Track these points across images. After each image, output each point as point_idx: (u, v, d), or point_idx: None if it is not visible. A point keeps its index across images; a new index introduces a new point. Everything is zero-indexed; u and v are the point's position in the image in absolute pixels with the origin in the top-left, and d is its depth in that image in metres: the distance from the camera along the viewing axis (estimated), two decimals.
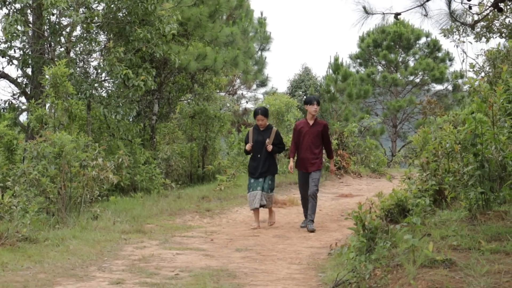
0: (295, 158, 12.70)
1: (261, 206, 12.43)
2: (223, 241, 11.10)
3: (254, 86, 36.44)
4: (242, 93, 35.33)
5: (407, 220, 7.03)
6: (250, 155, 12.88)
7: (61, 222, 11.60)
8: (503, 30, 17.52)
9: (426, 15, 8.56)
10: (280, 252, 9.98)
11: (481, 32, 17.99)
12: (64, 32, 16.71)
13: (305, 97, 34.07)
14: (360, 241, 7.50)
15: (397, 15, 8.55)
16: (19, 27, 15.37)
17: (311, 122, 12.50)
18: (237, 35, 22.22)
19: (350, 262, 7.38)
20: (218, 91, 25.40)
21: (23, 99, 17.62)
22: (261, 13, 35.76)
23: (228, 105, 28.79)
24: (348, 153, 23.28)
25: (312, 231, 11.94)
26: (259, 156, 12.53)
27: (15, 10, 16.31)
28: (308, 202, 12.24)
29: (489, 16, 16.24)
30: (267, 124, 12.75)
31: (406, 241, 6.65)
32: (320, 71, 77.26)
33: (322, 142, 12.55)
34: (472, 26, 11.90)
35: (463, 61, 34.15)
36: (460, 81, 36.86)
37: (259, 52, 34.39)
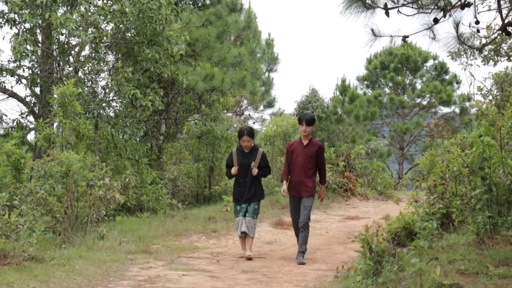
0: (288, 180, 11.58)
1: (242, 233, 11.47)
2: (229, 263, 11.06)
3: (261, 107, 36.47)
4: (249, 114, 35.38)
5: (414, 243, 7.00)
6: (233, 179, 11.98)
7: (67, 241, 11.58)
8: (511, 53, 17.54)
9: (434, 38, 8.58)
10: (286, 274, 9.94)
11: (489, 55, 18.02)
12: (72, 52, 16.79)
13: None
14: (367, 264, 7.47)
15: (405, 37, 8.57)
16: (28, 47, 15.45)
17: (305, 142, 11.36)
18: (245, 56, 22.29)
19: (357, 285, 7.35)
20: (225, 111, 25.45)
21: (31, 118, 17.68)
22: (269, 34, 35.85)
23: (235, 125, 28.79)
24: (355, 175, 23.22)
25: (302, 264, 10.83)
26: (244, 180, 11.56)
27: (24, 29, 16.41)
28: (299, 232, 11.18)
29: (497, 40, 16.27)
30: (253, 145, 11.77)
31: (413, 264, 6.62)
32: (327, 92, 77.39)
33: (316, 164, 11.39)
34: (480, 49, 11.95)
35: (470, 84, 34.21)
36: (467, 104, 36.79)
37: (267, 73, 34.44)
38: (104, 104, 16.69)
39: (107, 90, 16.97)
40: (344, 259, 11.21)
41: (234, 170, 11.60)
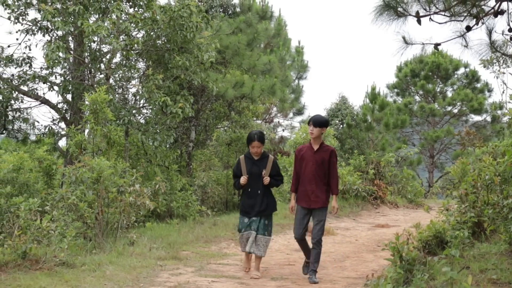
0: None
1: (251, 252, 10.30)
2: None
3: (291, 114, 36.45)
4: (278, 121, 35.35)
5: (445, 252, 6.95)
6: (241, 189, 10.66)
7: (98, 247, 11.65)
8: None
9: (466, 46, 8.54)
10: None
11: None
12: (104, 59, 16.93)
13: (341, 126, 34.12)
14: (397, 273, 7.43)
15: (437, 45, 8.53)
16: (60, 54, 15.59)
17: (315, 147, 10.24)
18: (275, 64, 22.30)
19: None
20: (254, 119, 25.46)
21: (62, 124, 17.86)
22: (299, 42, 35.91)
23: (265, 133, 28.82)
24: (385, 183, 23.14)
25: (315, 283, 9.78)
26: (256, 191, 10.32)
27: (57, 37, 16.59)
28: (312, 248, 10.06)
29: None
30: (263, 151, 10.51)
31: (444, 273, 6.57)
32: (357, 100, 77.35)
33: (328, 172, 10.18)
34: None
35: (503, 92, 33.67)
36: (499, 112, 36.50)
37: (296, 81, 34.43)
38: (134, 111, 16.79)
39: (137, 97, 17.07)
40: (374, 267, 11.16)
41: (243, 180, 10.33)
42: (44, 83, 16.97)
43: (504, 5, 7.98)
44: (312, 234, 9.97)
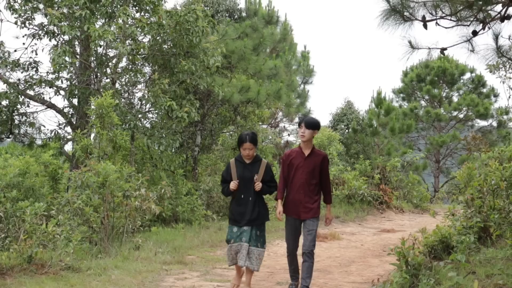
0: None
1: (242, 266, 9.18)
2: (264, 274, 11.04)
3: (296, 119, 36.45)
4: (284, 126, 35.33)
5: (451, 257, 6.95)
6: (231, 196, 9.54)
7: (103, 251, 11.67)
8: None
9: (472, 51, 8.53)
10: (321, 286, 9.91)
11: None
12: (110, 64, 16.98)
13: (347, 131, 34.11)
14: (403, 277, 7.43)
15: (443, 50, 8.53)
16: (66, 58, 15.64)
17: (306, 152, 9.22)
18: (281, 68, 22.31)
19: None
20: (260, 123, 25.46)
21: (68, 129, 17.93)
22: (305, 47, 35.92)
23: (270, 137, 28.81)
24: (390, 187, 23.11)
25: None
26: (246, 198, 9.29)
27: (63, 41, 16.65)
28: (302, 261, 9.10)
29: None
30: (255, 155, 9.48)
31: (450, 278, 6.57)
32: (363, 105, 77.39)
33: (320, 179, 9.24)
34: None
35: (509, 97, 33.82)
36: (505, 117, 36.47)
37: (302, 85, 34.43)
38: (140, 116, 16.83)
39: (143, 102, 17.12)
40: (380, 272, 11.14)
41: (233, 185, 9.25)
42: (50, 87, 17.05)
43: (510, 10, 7.98)
44: (304, 244, 8.98)
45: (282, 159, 9.43)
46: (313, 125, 9.16)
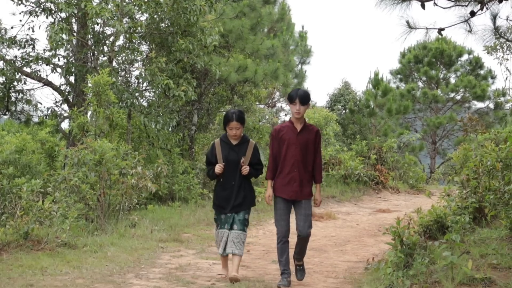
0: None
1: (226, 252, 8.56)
2: (259, 253, 11.10)
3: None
4: (281, 106, 35.28)
5: (446, 237, 6.98)
6: (216, 179, 8.83)
7: (99, 228, 11.70)
8: None
9: (470, 31, 8.52)
10: (317, 265, 9.95)
11: None
12: (107, 42, 16.93)
13: (344, 111, 34.07)
14: (398, 257, 7.46)
15: (440, 30, 8.51)
16: (63, 36, 15.58)
17: (298, 127, 8.43)
18: (278, 48, 22.27)
19: (387, 278, 7.33)
20: (257, 103, 25.45)
21: (65, 106, 17.91)
22: (302, 27, 35.80)
23: (267, 117, 28.78)
24: (387, 168, 23.15)
25: (301, 279, 8.62)
26: (232, 182, 8.56)
27: (60, 19, 16.58)
28: (297, 243, 8.56)
29: None
30: (242, 135, 8.74)
31: (444, 258, 6.60)
32: (360, 85, 77.14)
33: (314, 156, 8.49)
34: None
35: (506, 78, 33.81)
36: (502, 99, 36.44)
37: (299, 66, 34.36)
38: (137, 94, 16.80)
39: (140, 80, 17.08)
40: (375, 251, 11.20)
41: (219, 168, 8.53)
42: (47, 65, 16.99)
43: None
44: (301, 228, 8.31)
45: (272, 135, 8.58)
46: (307, 99, 8.39)
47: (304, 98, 8.29)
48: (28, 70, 17.22)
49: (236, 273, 8.39)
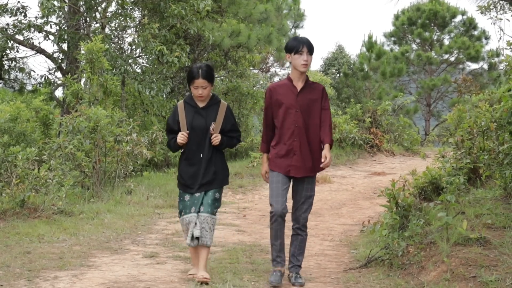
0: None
1: (194, 240, 6.58)
2: (255, 217, 11.15)
3: (287, 64, 36.30)
4: (275, 71, 35.21)
5: (441, 198, 7.01)
6: (180, 151, 6.93)
7: (95, 196, 11.73)
8: None
9: None
10: (313, 228, 9.99)
11: None
12: (99, 8, 16.82)
13: (338, 75, 33.93)
14: (393, 219, 7.50)
15: None
16: (55, 3, 15.49)
17: (299, 85, 6.68)
18: (271, 12, 22.17)
19: (383, 239, 7.39)
20: (251, 68, 25.39)
21: (58, 74, 17.84)
22: None
23: (261, 82, 28.72)
24: (381, 131, 23.15)
25: (301, 285, 6.60)
26: (199, 155, 6.68)
27: None
28: (292, 235, 6.82)
29: None
30: (212, 95, 6.81)
31: (439, 218, 6.65)
32: (354, 49, 76.83)
33: (319, 120, 6.68)
34: (511, 2, 11.72)
35: (500, 38, 33.59)
36: (496, 59, 36.36)
37: (293, 30, 34.19)
38: (130, 61, 16.74)
39: (133, 47, 17.01)
40: (370, 214, 11.25)
41: (182, 138, 6.65)
42: (39, 32, 16.88)
43: None
44: (296, 217, 6.72)
45: (266, 95, 6.84)
46: (313, 48, 6.71)
47: (311, 46, 6.63)
48: (20, 37, 17.13)
49: (204, 272, 6.57)
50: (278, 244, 6.66)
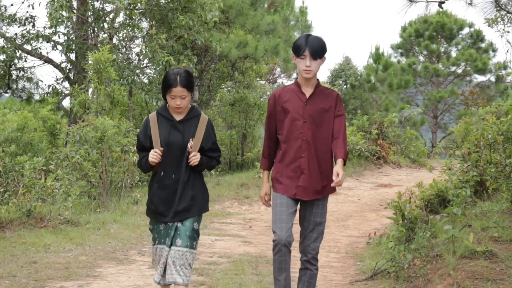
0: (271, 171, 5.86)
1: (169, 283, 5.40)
2: (261, 228, 11.14)
3: (294, 75, 36.28)
4: (282, 82, 35.25)
5: (447, 210, 6.99)
6: (151, 173, 5.69)
7: (102, 206, 11.75)
8: None
9: (470, 3, 8.47)
10: None
11: None
12: (107, 18, 16.90)
13: (345, 86, 33.95)
14: (399, 231, 7.49)
15: (441, 3, 8.48)
16: (63, 13, 15.56)
17: (307, 92, 5.61)
18: (278, 24, 22.20)
19: (389, 252, 7.38)
20: (258, 79, 25.42)
21: (66, 84, 17.91)
22: (303, 2, 35.90)
23: (268, 93, 28.76)
24: (388, 143, 23.12)
25: None
26: (174, 177, 5.47)
27: None
28: (301, 270, 5.70)
29: None
30: (191, 106, 5.70)
31: (446, 231, 6.62)
32: (361, 60, 76.72)
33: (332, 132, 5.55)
34: None
35: (507, 51, 33.68)
36: (503, 72, 36.31)
37: None
38: (138, 71, 16.79)
39: (141, 57, 17.06)
40: (377, 226, 11.23)
41: (154, 156, 5.42)
42: (47, 42, 16.97)
43: None
44: (304, 248, 5.64)
45: (269, 103, 5.76)
46: (322, 51, 5.55)
47: (316, 49, 5.48)
48: (28, 47, 17.22)
49: None
50: (282, 279, 5.49)
